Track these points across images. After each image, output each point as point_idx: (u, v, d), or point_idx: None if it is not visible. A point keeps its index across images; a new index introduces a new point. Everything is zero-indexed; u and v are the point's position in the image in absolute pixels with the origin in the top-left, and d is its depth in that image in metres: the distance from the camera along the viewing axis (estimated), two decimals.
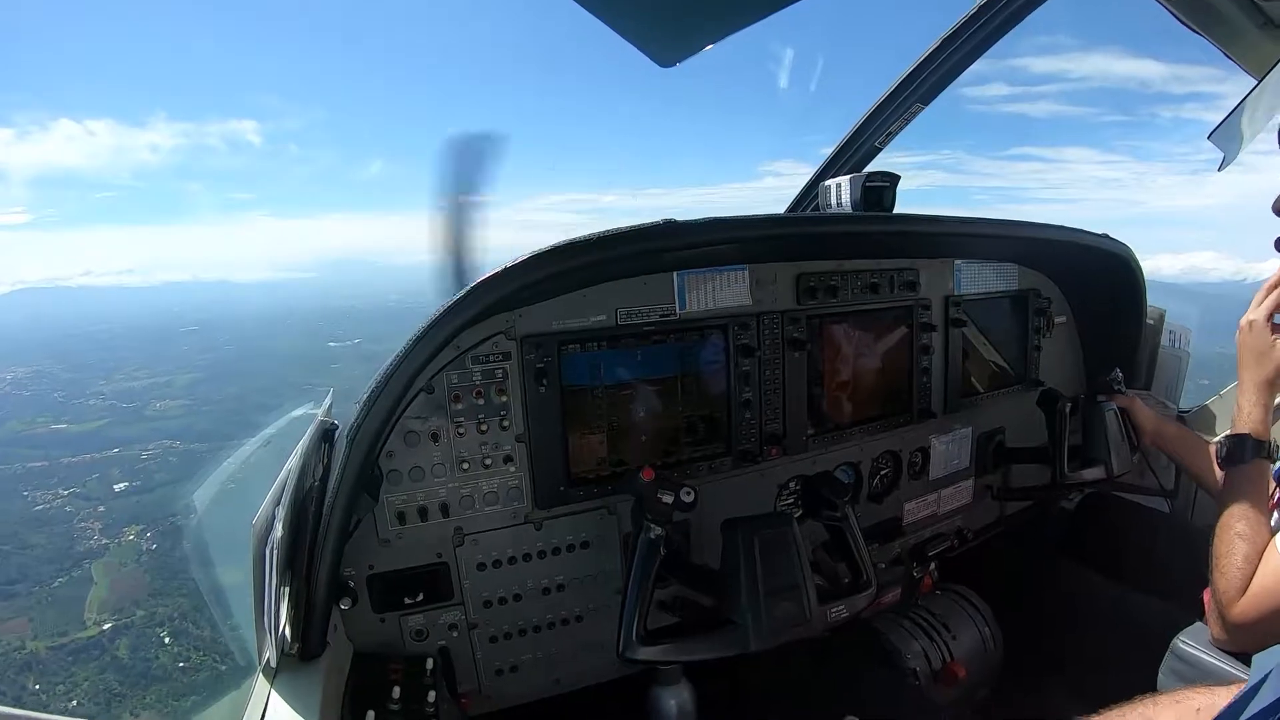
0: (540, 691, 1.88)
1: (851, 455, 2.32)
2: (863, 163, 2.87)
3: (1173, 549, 2.28)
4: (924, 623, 2.27)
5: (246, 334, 76.95)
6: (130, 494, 38.05)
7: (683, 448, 2.01)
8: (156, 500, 35.86)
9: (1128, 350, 2.89)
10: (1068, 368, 2.99)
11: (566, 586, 1.86)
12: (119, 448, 43.88)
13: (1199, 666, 1.66)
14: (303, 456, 1.57)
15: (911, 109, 2.72)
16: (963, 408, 2.56)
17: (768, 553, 1.52)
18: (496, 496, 1.76)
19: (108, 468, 40.95)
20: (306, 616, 1.44)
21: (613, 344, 1.85)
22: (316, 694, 1.35)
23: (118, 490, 38.33)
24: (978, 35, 2.38)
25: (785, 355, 2.10)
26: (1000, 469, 2.77)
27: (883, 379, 2.38)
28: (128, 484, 39.15)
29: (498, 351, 1.71)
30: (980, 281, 2.59)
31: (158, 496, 36.42)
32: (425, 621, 1.73)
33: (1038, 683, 2.23)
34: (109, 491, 38.26)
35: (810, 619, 1.55)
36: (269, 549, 1.32)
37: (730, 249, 1.93)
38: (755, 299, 2.04)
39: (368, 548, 1.65)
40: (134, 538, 32.97)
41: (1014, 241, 2.54)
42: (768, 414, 2.10)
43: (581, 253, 1.56)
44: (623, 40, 1.91)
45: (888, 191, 2.18)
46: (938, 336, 2.45)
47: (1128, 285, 2.79)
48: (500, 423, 1.74)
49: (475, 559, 1.76)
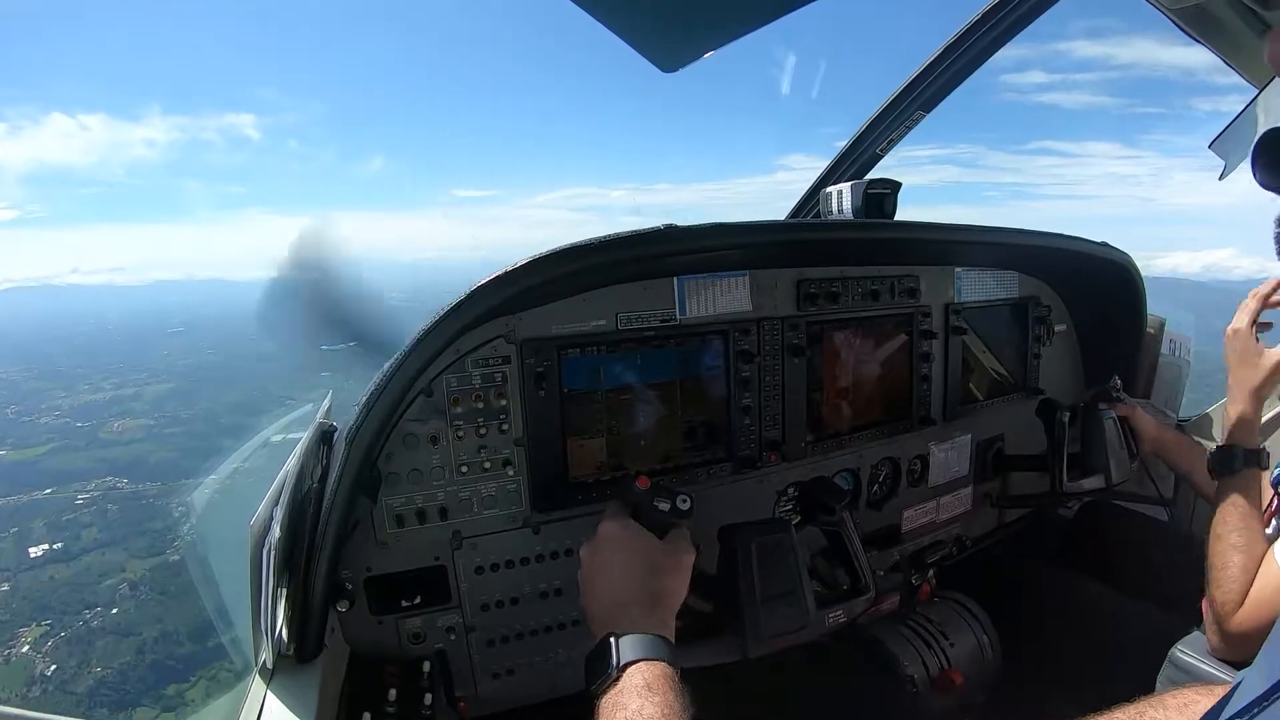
0: (537, 696, 1.88)
1: (851, 462, 2.32)
2: (864, 169, 2.88)
3: (1171, 558, 2.28)
4: (922, 630, 2.27)
5: (234, 336, 70.95)
6: (47, 562, 30.27)
7: (682, 453, 2.00)
8: (76, 577, 28.70)
9: (1128, 359, 2.89)
10: (1067, 376, 2.99)
11: (564, 591, 1.86)
12: (53, 487, 37.34)
13: (1197, 675, 1.66)
14: (301, 458, 1.57)
15: (913, 116, 2.74)
16: (962, 415, 2.56)
17: (766, 559, 1.52)
18: (495, 500, 1.76)
19: (31, 516, 33.86)
20: (303, 618, 1.44)
21: (612, 349, 1.85)
22: (313, 696, 1.35)
23: (33, 556, 30.66)
24: (980, 43, 2.40)
25: (785, 361, 2.10)
26: (999, 477, 2.77)
27: (882, 386, 2.38)
28: (47, 547, 31.52)
29: (497, 355, 1.71)
30: (981, 289, 2.59)
31: (78, 570, 29.25)
32: (423, 624, 1.73)
33: (1035, 691, 2.23)
34: (21, 557, 30.55)
35: (808, 624, 1.55)
36: (266, 550, 1.32)
37: (731, 254, 1.93)
38: (755, 305, 2.04)
39: (365, 550, 1.65)
40: (29, 647, 23.22)
41: (1014, 249, 2.54)
42: (767, 420, 2.10)
43: (582, 257, 1.57)
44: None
45: (889, 198, 2.19)
46: (938, 344, 2.45)
47: (1128, 293, 2.80)
48: (499, 426, 1.74)
49: (473, 562, 1.76)
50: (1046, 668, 2.24)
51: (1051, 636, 2.30)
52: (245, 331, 77.92)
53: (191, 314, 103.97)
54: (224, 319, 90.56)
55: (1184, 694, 0.94)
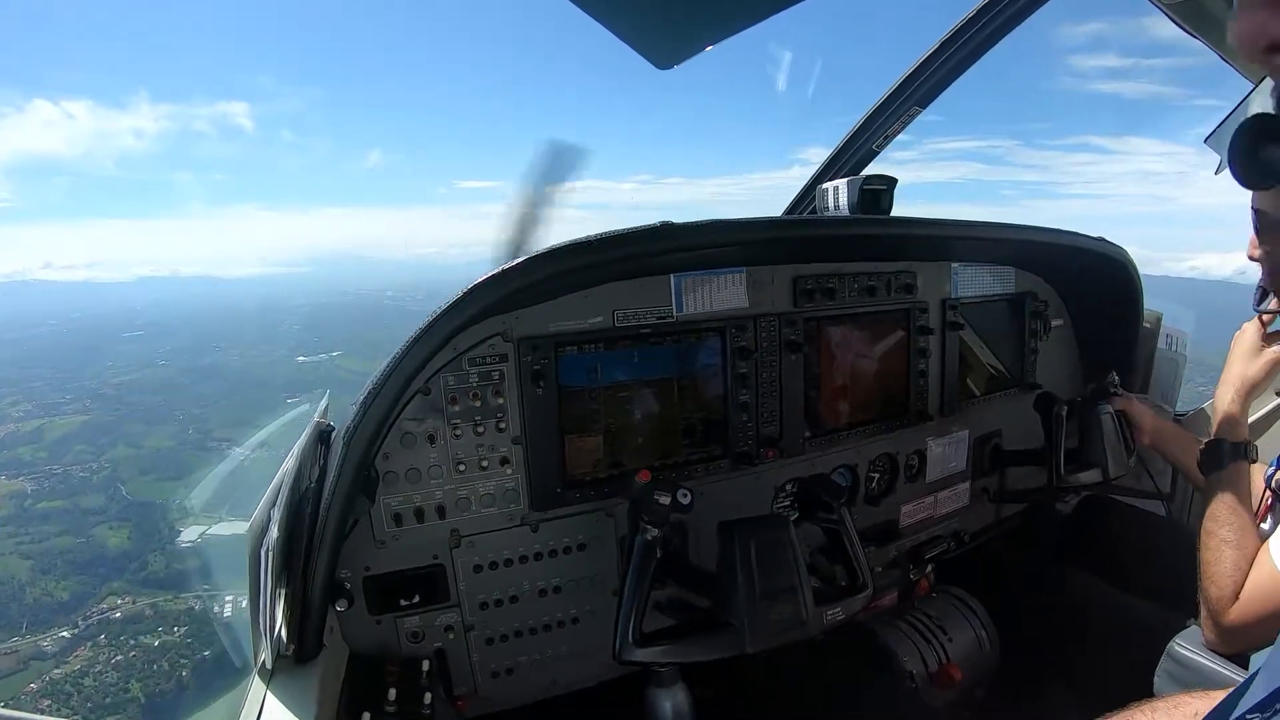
0: (536, 694, 1.88)
1: (848, 458, 2.32)
2: (860, 165, 2.88)
3: (1169, 552, 2.29)
4: (920, 625, 2.27)
5: (200, 342, 59.41)
6: None
7: (679, 450, 2.01)
8: None
9: (1124, 353, 2.90)
10: (1065, 371, 2.99)
11: (563, 589, 1.86)
12: None
13: (1195, 669, 1.66)
14: (299, 458, 1.57)
15: (909, 112, 2.73)
16: (959, 410, 2.56)
17: (764, 555, 1.53)
18: (493, 498, 1.76)
19: None
20: (302, 618, 1.44)
21: (610, 346, 1.85)
22: (312, 696, 1.35)
23: None
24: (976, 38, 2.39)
25: (782, 358, 2.10)
26: (997, 472, 2.78)
27: (880, 382, 2.39)
28: None
29: (494, 353, 1.71)
30: (977, 284, 2.59)
31: None
32: (421, 623, 1.73)
33: (1033, 685, 2.24)
34: None
35: (806, 621, 1.55)
36: (265, 550, 1.32)
37: (727, 251, 1.93)
38: (752, 301, 2.04)
39: (364, 549, 1.65)
40: None
41: (1010, 244, 2.54)
42: (764, 416, 2.10)
43: (578, 255, 1.57)
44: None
45: (885, 194, 2.19)
46: (935, 339, 2.45)
47: (1124, 288, 2.80)
48: (497, 425, 1.74)
49: (472, 561, 1.76)
50: (1045, 662, 2.25)
51: (1049, 631, 2.31)
52: (215, 334, 61.66)
53: (163, 314, 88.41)
54: (199, 318, 79.83)
55: (1177, 698, 0.94)
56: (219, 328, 70.05)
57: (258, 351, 56.56)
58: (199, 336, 63.22)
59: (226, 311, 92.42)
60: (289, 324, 69.92)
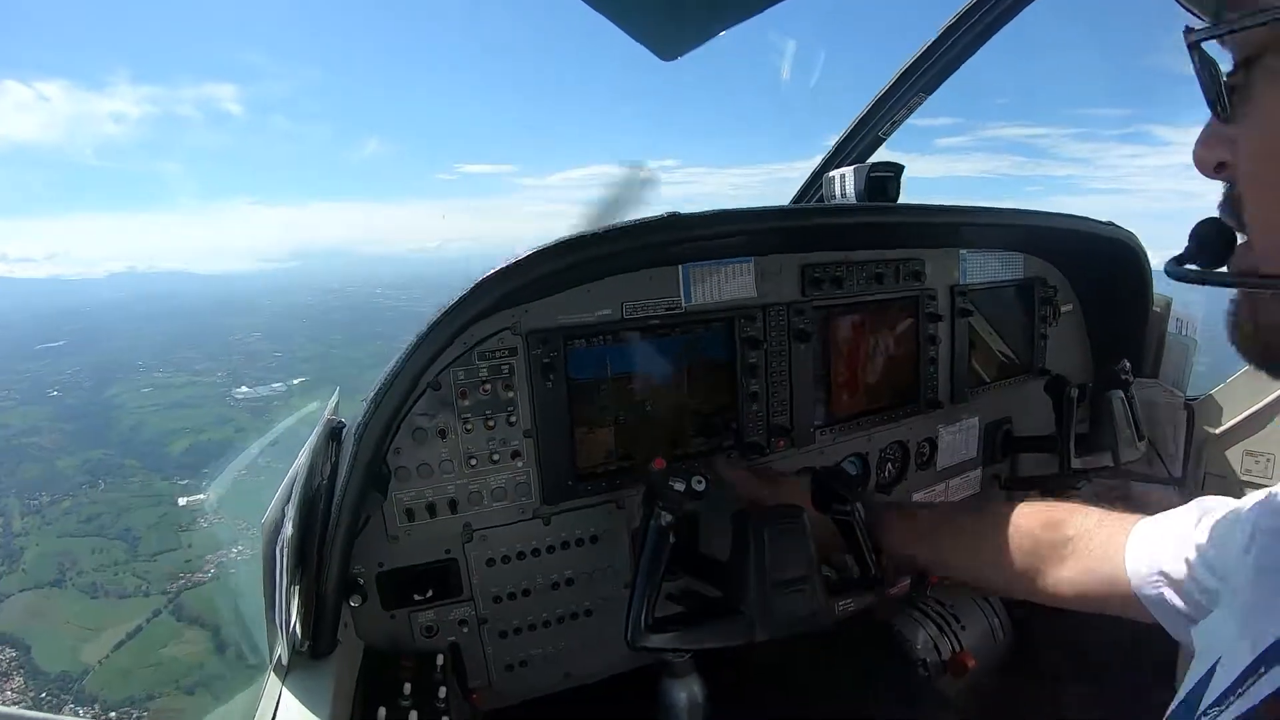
0: (550, 686, 1.89)
1: (859, 446, 2.32)
2: (867, 153, 2.86)
3: None
4: (933, 613, 2.26)
5: (138, 354, 46.44)
6: None
7: (690, 440, 2.00)
8: None
9: (1134, 338, 2.88)
10: (1075, 356, 2.98)
11: (576, 581, 1.86)
12: None
13: None
14: (311, 454, 1.57)
15: (914, 99, 2.72)
16: (969, 398, 2.55)
17: (777, 544, 1.52)
18: (505, 492, 1.76)
19: None
20: (317, 614, 1.44)
21: (619, 338, 1.85)
22: (328, 691, 1.36)
23: None
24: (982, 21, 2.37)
25: (791, 347, 2.10)
26: (1008, 459, 2.77)
27: (889, 369, 2.38)
28: None
29: (504, 347, 1.71)
30: (986, 271, 2.58)
31: None
32: (435, 618, 1.74)
33: (1048, 671, 2.23)
34: None
35: (819, 612, 1.55)
36: (279, 547, 1.33)
37: (735, 241, 1.92)
38: (761, 291, 2.04)
39: (377, 545, 1.65)
40: None
41: (1019, 230, 2.53)
42: (775, 406, 2.09)
43: (586, 247, 1.56)
44: None
45: (891, 181, 2.18)
46: (944, 326, 2.44)
47: (1134, 272, 2.78)
48: (507, 418, 1.74)
49: (484, 555, 1.76)
50: (1059, 650, 2.24)
51: (1062, 617, 2.30)
52: (161, 343, 49.50)
53: (96, 319, 72.54)
54: (150, 318, 66.45)
55: None
56: (162, 339, 57.04)
57: (184, 379, 44.44)
58: (136, 346, 51.58)
59: (171, 316, 77.15)
60: (245, 333, 58.28)
